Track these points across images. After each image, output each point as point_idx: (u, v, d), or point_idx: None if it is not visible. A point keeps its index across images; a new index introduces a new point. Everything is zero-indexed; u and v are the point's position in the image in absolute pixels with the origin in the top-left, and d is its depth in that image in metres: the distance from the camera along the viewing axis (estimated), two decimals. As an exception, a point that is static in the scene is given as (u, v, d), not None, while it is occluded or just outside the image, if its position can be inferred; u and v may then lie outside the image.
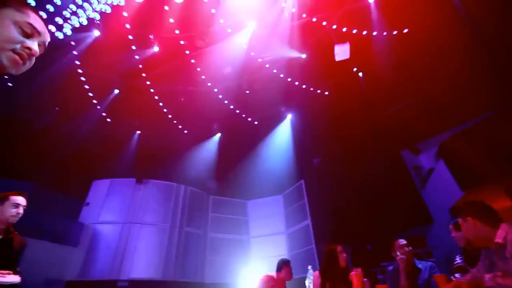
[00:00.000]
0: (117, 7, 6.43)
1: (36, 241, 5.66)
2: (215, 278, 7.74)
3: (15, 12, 0.67)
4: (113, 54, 7.39)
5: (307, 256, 6.84)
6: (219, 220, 8.68)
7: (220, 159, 9.84)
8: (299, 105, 8.89)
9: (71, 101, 7.95)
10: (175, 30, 7.26)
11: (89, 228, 7.15)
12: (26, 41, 0.68)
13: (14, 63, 0.67)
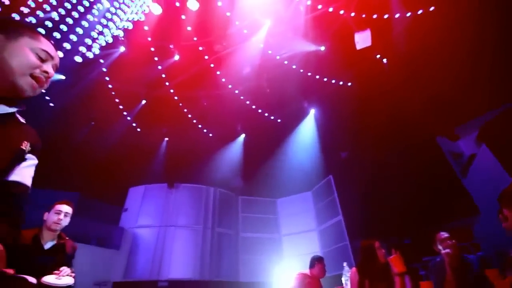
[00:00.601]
0: (138, 23, 6.77)
1: (84, 246, 6.16)
2: (249, 277, 7.83)
3: (30, 39, 0.74)
4: (138, 66, 7.79)
5: (341, 253, 6.67)
6: (249, 219, 8.76)
7: (246, 160, 9.93)
8: (321, 99, 8.67)
9: (104, 114, 8.51)
10: (193, 37, 7.46)
11: (129, 232, 7.61)
12: (43, 65, 0.75)
13: (33, 87, 0.73)
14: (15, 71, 0.69)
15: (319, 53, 7.46)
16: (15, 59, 0.69)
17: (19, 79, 0.70)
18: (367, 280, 2.44)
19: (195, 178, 8.99)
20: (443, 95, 5.66)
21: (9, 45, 0.70)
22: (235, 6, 6.74)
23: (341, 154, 7.80)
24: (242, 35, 7.42)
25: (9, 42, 0.70)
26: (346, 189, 7.20)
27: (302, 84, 8.11)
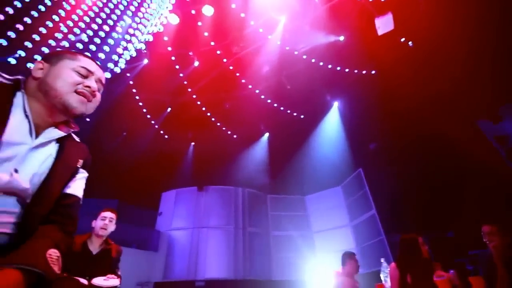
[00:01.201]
0: (158, 34, 7.05)
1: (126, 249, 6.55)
2: (282, 275, 7.82)
3: (69, 60, 0.81)
4: (161, 76, 8.12)
5: (377, 248, 6.40)
6: (279, 218, 8.75)
7: (272, 158, 9.93)
8: (344, 91, 8.39)
9: (133, 124, 8.99)
10: (210, 42, 7.61)
11: (165, 235, 7.98)
12: (85, 81, 0.81)
13: (81, 102, 0.80)
14: (61, 92, 0.76)
15: (338, 43, 7.23)
16: (59, 80, 0.77)
17: (67, 98, 0.77)
18: (409, 276, 2.31)
19: (223, 180, 9.18)
20: (481, 73, 5.18)
21: (52, 70, 0.78)
22: (249, 6, 6.75)
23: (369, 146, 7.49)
24: (258, 34, 7.42)
25: (52, 68, 0.79)
26: (377, 182, 6.90)
27: (323, 77, 7.91)
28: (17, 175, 0.67)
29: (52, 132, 0.79)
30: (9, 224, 0.67)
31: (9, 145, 0.66)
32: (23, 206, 0.70)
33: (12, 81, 0.74)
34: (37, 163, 0.73)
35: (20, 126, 0.71)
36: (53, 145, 0.80)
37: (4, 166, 0.65)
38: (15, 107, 0.71)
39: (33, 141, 0.73)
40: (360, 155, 7.73)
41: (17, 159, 0.68)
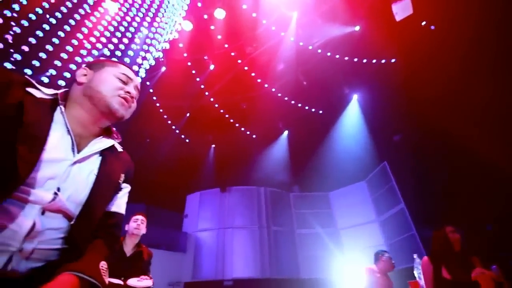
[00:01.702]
0: (174, 41, 7.26)
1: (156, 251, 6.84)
2: (310, 273, 7.73)
3: (111, 67, 0.86)
4: (178, 82, 8.36)
5: (408, 243, 6.13)
6: (303, 215, 8.67)
7: (293, 156, 9.85)
8: (363, 82, 8.13)
9: (156, 130, 9.33)
10: (224, 45, 7.71)
11: (192, 236, 8.20)
12: (125, 87, 0.86)
13: (123, 105, 0.84)
14: (106, 95, 0.80)
15: (354, 34, 7.02)
16: (103, 85, 0.81)
17: (110, 101, 0.81)
18: (444, 270, 2.18)
19: (245, 180, 9.26)
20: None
21: (97, 76, 0.82)
22: (260, 5, 6.76)
23: (393, 137, 7.18)
24: (271, 32, 7.40)
25: (96, 74, 0.83)
26: (404, 175, 6.60)
27: (340, 70, 7.72)
28: (60, 194, 0.67)
29: (95, 145, 0.80)
30: (56, 240, 0.69)
31: (50, 162, 0.66)
32: (69, 224, 0.71)
33: (52, 96, 0.76)
34: (79, 180, 0.73)
35: (61, 142, 0.71)
36: (96, 158, 0.80)
37: (47, 184, 0.65)
38: (56, 122, 0.72)
39: (75, 156, 0.73)
40: (384, 148, 7.44)
41: (60, 177, 0.68)
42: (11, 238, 0.59)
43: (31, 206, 0.63)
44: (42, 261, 0.66)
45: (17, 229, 0.60)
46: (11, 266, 0.60)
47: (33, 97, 0.69)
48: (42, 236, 0.65)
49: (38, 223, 0.63)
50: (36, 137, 0.65)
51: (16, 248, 0.60)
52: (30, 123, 0.64)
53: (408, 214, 6.27)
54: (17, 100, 0.64)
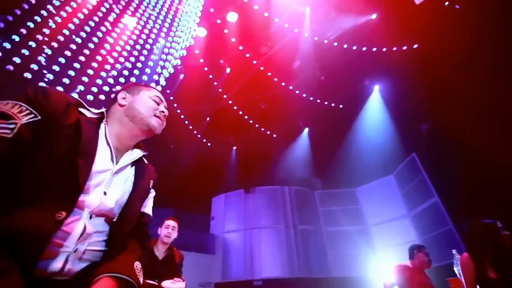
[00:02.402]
0: (190, 48, 7.44)
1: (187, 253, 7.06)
2: (341, 272, 7.55)
3: (146, 91, 0.97)
4: (197, 87, 8.55)
5: (445, 238, 5.77)
6: (330, 213, 8.49)
7: (315, 153, 9.70)
8: (384, 72, 7.79)
9: (178, 136, 9.62)
10: (239, 47, 7.77)
11: (220, 238, 8.35)
12: (159, 107, 0.96)
13: (159, 123, 0.95)
14: (146, 115, 0.91)
15: (370, 22, 6.76)
16: (143, 106, 0.92)
17: (150, 120, 0.92)
18: (489, 269, 1.99)
19: (268, 180, 9.26)
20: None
21: (136, 99, 0.93)
22: (271, 4, 6.73)
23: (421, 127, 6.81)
24: (285, 30, 7.34)
25: (135, 97, 0.94)
26: (436, 166, 6.22)
27: (359, 61, 7.46)
28: (106, 197, 0.77)
29: (129, 156, 0.90)
30: (100, 242, 0.77)
31: (98, 173, 0.76)
32: (110, 226, 0.80)
33: (98, 115, 0.86)
34: (119, 185, 0.84)
35: (104, 155, 0.81)
36: (130, 167, 0.91)
37: (95, 191, 0.75)
38: (100, 138, 0.82)
39: (115, 166, 0.83)
40: (411, 139, 7.07)
41: (105, 184, 0.78)
42: (68, 240, 0.68)
43: (82, 211, 0.72)
44: (89, 261, 0.74)
45: (74, 232, 0.69)
46: (67, 265, 0.67)
47: (85, 116, 0.79)
48: (91, 238, 0.73)
49: (88, 226, 0.72)
50: (89, 152, 0.75)
51: (71, 249, 0.68)
52: (85, 140, 0.74)
53: (443, 208, 5.91)
54: (74, 121, 0.75)
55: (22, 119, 0.65)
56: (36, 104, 0.69)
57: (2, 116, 0.63)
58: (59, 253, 0.65)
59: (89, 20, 6.18)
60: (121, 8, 6.59)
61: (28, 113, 0.67)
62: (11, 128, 0.62)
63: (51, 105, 0.71)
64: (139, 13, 6.80)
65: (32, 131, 0.66)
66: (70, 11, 5.84)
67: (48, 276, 0.64)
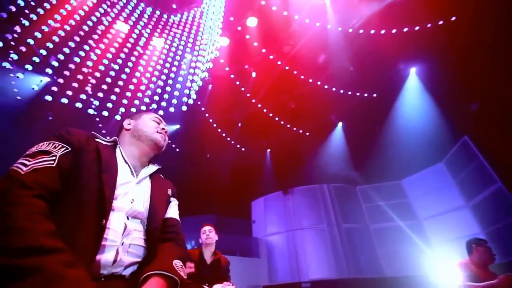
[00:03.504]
0: (215, 59, 7.69)
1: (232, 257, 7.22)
2: (395, 271, 7.05)
3: (147, 114, 1.17)
4: (226, 95, 8.80)
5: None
6: (375, 209, 8.03)
7: (352, 147, 9.30)
8: (420, 52, 7.18)
9: (213, 145, 9.96)
10: (262, 50, 7.82)
11: (263, 241, 8.39)
12: (160, 125, 1.15)
13: (162, 138, 1.13)
14: (149, 133, 1.10)
15: (396, 3, 6.31)
16: (146, 126, 1.11)
17: (154, 136, 1.10)
18: None
19: (306, 179, 9.10)
20: None
21: (139, 122, 1.13)
22: (289, 2, 6.68)
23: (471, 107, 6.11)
24: (306, 26, 7.21)
25: (138, 121, 1.13)
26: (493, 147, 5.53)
27: (389, 45, 7.00)
28: (134, 203, 0.93)
29: (146, 170, 1.08)
30: (140, 239, 0.92)
31: (123, 184, 0.93)
32: (144, 226, 0.96)
33: (111, 142, 1.05)
34: (142, 193, 1.00)
35: (124, 171, 0.99)
36: (147, 180, 1.08)
37: (125, 198, 0.92)
38: (118, 159, 1.00)
39: (135, 178, 1.01)
40: (460, 121, 6.39)
41: (130, 192, 0.95)
42: (115, 236, 0.84)
43: (121, 213, 0.89)
44: (136, 256, 0.89)
45: (118, 229, 0.85)
46: (118, 256, 0.82)
47: (101, 143, 0.99)
48: (132, 234, 0.89)
49: (128, 224, 0.89)
50: (111, 168, 0.93)
51: (119, 243, 0.84)
52: (105, 159, 0.93)
53: (509, 194, 5.22)
54: (94, 147, 0.94)
55: (59, 152, 0.83)
56: (65, 139, 0.88)
57: (44, 152, 0.81)
58: (109, 246, 0.81)
59: (123, 47, 6.75)
60: (149, 31, 7.08)
61: (61, 147, 0.85)
62: (53, 159, 0.80)
63: (75, 138, 0.91)
64: (165, 34, 7.23)
65: (67, 159, 0.84)
66: (107, 42, 6.45)
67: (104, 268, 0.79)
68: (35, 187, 0.70)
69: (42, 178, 0.73)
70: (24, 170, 0.73)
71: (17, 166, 0.74)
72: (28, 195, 0.68)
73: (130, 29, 6.89)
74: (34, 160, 0.76)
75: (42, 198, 0.71)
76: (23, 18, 5.04)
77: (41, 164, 0.76)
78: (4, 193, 0.67)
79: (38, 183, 0.71)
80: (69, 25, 5.71)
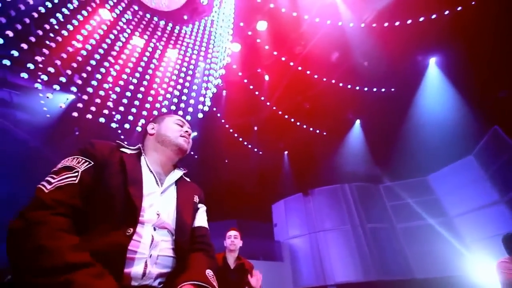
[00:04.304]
0: (228, 65, 7.81)
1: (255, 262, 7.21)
2: (427, 272, 6.71)
3: (169, 117, 1.15)
4: (240, 100, 8.88)
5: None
6: (401, 207, 7.71)
7: (372, 144, 9.03)
8: (439, 41, 6.87)
9: (231, 150, 10.05)
10: (273, 53, 7.84)
11: (285, 244, 8.31)
12: (183, 128, 1.13)
13: (185, 141, 1.10)
14: (172, 137, 1.07)
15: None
16: (169, 130, 1.09)
17: (177, 140, 1.07)
18: None
19: (326, 179, 8.93)
20: None
21: (162, 126, 1.11)
22: (297, 3, 6.66)
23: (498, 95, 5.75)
24: (316, 25, 7.15)
25: (161, 124, 1.11)
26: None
27: (405, 37, 6.76)
28: (160, 215, 0.91)
29: (170, 177, 1.05)
30: (168, 249, 0.90)
31: (149, 195, 0.91)
32: (172, 236, 0.93)
33: (135, 150, 1.04)
34: (167, 204, 0.97)
35: (149, 180, 0.96)
36: (173, 187, 1.05)
37: (150, 210, 0.89)
38: (143, 167, 0.98)
39: (160, 188, 0.98)
40: (488, 110, 6.02)
41: (155, 204, 0.92)
42: (143, 248, 0.82)
43: (147, 225, 0.86)
44: (165, 267, 0.87)
45: (145, 242, 0.84)
46: (148, 269, 0.81)
47: (126, 153, 0.98)
48: (160, 245, 0.87)
49: (155, 236, 0.87)
50: (137, 180, 0.91)
51: (147, 255, 0.82)
52: (130, 170, 0.91)
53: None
54: (119, 158, 0.93)
55: (81, 167, 0.84)
56: (88, 154, 0.89)
57: (67, 168, 0.82)
58: (137, 259, 0.80)
59: (140, 61, 7.04)
60: (163, 44, 7.33)
61: (84, 162, 0.86)
62: (75, 176, 0.81)
63: (98, 151, 0.91)
64: (178, 44, 7.45)
65: (90, 174, 0.84)
66: (125, 58, 6.75)
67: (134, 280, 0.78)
68: (55, 205, 0.72)
69: (63, 196, 0.75)
70: (48, 188, 0.75)
71: (42, 184, 0.77)
72: (48, 214, 0.70)
73: (145, 43, 7.17)
74: (58, 177, 0.78)
75: (63, 215, 0.72)
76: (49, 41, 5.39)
77: (63, 181, 0.78)
78: (27, 214, 0.69)
79: (57, 201, 0.73)
80: (90, 44, 6.05)
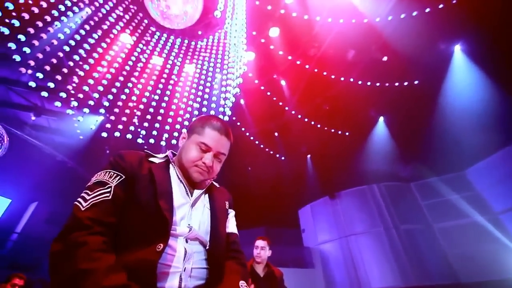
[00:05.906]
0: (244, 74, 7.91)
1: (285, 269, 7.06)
2: (473, 275, 6.18)
3: (197, 135, 0.95)
4: (258, 107, 8.93)
5: None
6: (437, 206, 7.23)
7: (399, 141, 8.61)
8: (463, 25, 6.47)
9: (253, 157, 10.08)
10: (288, 57, 7.84)
11: (315, 250, 8.08)
12: (204, 156, 0.94)
13: (198, 176, 0.94)
14: (186, 166, 0.94)
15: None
16: (185, 155, 0.94)
17: (190, 170, 0.94)
18: None
19: (352, 181, 8.64)
20: None
21: (186, 144, 0.97)
22: (308, 5, 6.65)
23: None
24: (329, 25, 7.06)
25: (188, 140, 0.97)
26: None
27: (425, 27, 6.46)
28: (193, 227, 0.87)
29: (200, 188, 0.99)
30: (202, 261, 0.87)
31: (179, 207, 0.87)
32: (204, 247, 0.89)
33: (164, 159, 0.98)
34: (199, 215, 0.92)
35: (179, 191, 0.91)
36: (204, 196, 0.99)
37: (183, 222, 0.86)
38: (172, 177, 0.93)
39: (190, 199, 0.93)
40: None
41: (187, 215, 0.88)
42: (177, 261, 0.80)
43: (179, 238, 0.83)
44: (199, 279, 0.84)
45: (178, 255, 0.81)
46: (183, 283, 0.78)
47: (154, 163, 0.93)
48: (193, 258, 0.84)
49: (188, 248, 0.84)
50: (166, 192, 0.87)
51: (181, 268, 0.80)
52: (159, 183, 0.87)
53: None
54: (147, 170, 0.89)
55: (113, 182, 0.82)
56: (118, 167, 0.86)
57: (100, 184, 0.81)
58: (172, 273, 0.78)
59: (160, 78, 7.37)
60: (181, 60, 7.63)
61: (116, 175, 0.84)
62: (108, 191, 0.80)
63: (128, 164, 0.87)
64: (195, 59, 7.72)
65: (122, 189, 0.82)
66: (146, 77, 7.12)
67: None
68: (91, 224, 0.72)
69: (98, 214, 0.74)
70: (84, 206, 0.75)
71: (78, 201, 0.77)
72: (86, 234, 0.69)
73: (164, 61, 7.52)
74: (92, 193, 0.78)
75: (99, 233, 0.72)
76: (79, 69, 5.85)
77: (98, 198, 0.77)
78: (65, 236, 0.69)
79: (93, 220, 0.73)
80: (114, 67, 6.46)
